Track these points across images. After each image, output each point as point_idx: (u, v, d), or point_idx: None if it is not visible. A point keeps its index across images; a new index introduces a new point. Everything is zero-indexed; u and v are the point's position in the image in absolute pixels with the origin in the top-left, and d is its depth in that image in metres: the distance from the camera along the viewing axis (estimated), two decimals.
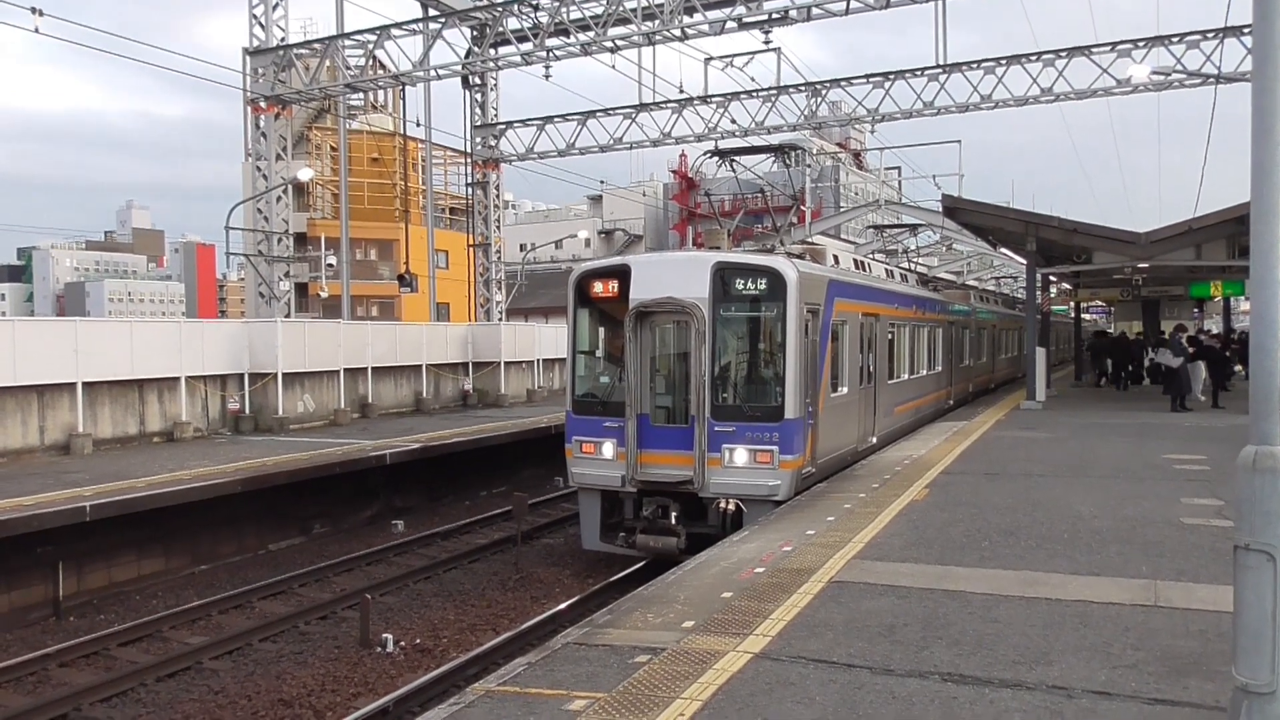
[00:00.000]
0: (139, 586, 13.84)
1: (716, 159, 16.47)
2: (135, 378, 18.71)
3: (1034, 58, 24.14)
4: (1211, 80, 22.61)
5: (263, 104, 24.86)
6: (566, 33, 22.17)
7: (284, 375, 21.55)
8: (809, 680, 5.76)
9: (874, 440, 16.21)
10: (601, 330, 13.76)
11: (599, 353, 13.87)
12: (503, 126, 30.49)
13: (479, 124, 30.41)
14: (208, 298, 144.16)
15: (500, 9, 23.07)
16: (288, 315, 25.10)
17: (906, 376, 19.42)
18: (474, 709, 5.52)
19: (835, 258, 16.23)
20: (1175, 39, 23.14)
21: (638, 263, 13.09)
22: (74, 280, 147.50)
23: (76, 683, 10.17)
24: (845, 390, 14.67)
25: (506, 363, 29.16)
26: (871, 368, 16.23)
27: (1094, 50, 23.77)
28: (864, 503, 11.28)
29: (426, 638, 11.51)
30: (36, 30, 18.27)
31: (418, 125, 34.40)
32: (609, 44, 21.93)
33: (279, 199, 25.10)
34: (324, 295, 38.66)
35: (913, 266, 27.49)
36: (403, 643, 11.24)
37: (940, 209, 26.52)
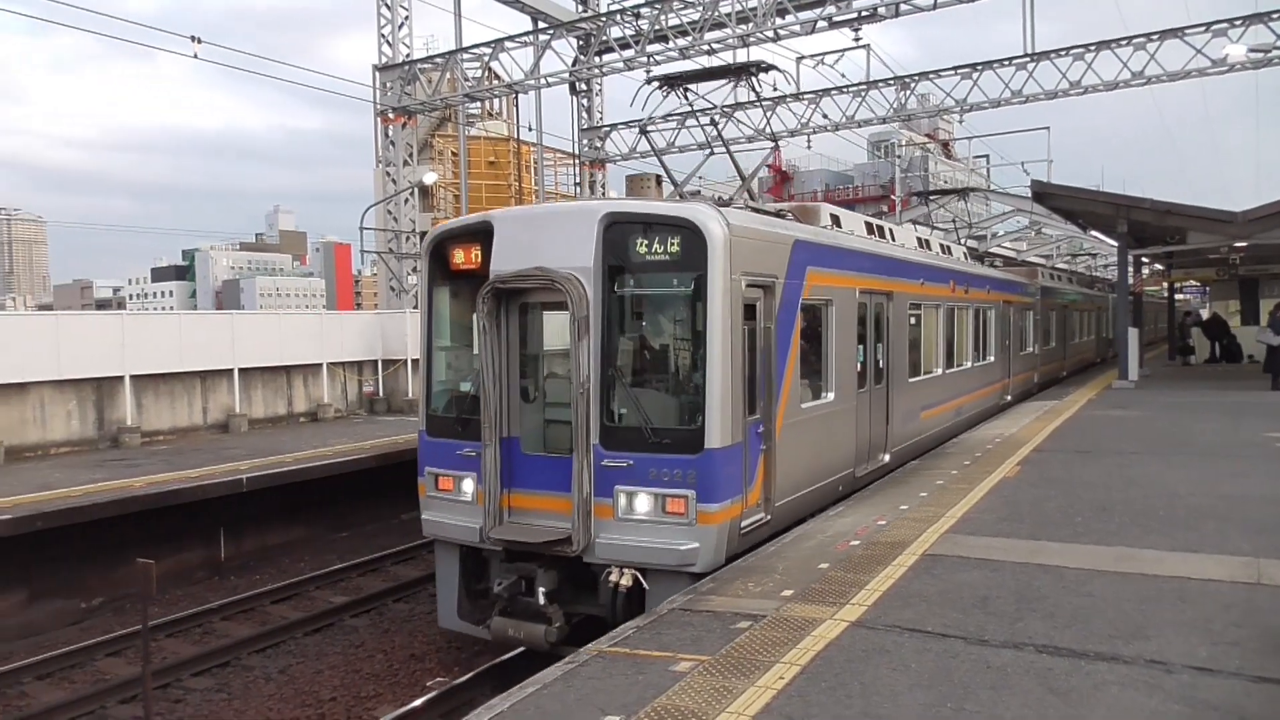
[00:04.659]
0: (287, 550, 14.47)
1: (664, 89, 11.43)
2: (283, 364, 19.57)
3: (1124, 42, 22.80)
4: None
5: (391, 115, 25.55)
6: (665, 39, 22.08)
7: (413, 361, 22.21)
8: (904, 649, 5.60)
9: (886, 458, 11.70)
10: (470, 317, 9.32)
11: (474, 348, 8.73)
12: (607, 129, 30.60)
13: (585, 127, 30.58)
14: (345, 292, 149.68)
15: (604, 19, 23.11)
16: (416, 307, 25.83)
17: (940, 371, 14.67)
18: (587, 667, 5.56)
19: (834, 218, 11.49)
20: (1275, 15, 21.50)
21: (502, 219, 8.62)
22: (230, 278, 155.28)
23: (236, 634, 10.72)
24: (831, 396, 10.07)
25: None
26: (881, 362, 11.80)
27: (1187, 32, 22.31)
28: (956, 479, 10.91)
29: None
30: (195, 56, 19.20)
31: (529, 130, 34.78)
32: (705, 47, 21.71)
33: (406, 201, 25.82)
34: None
35: (961, 239, 22.20)
36: None
37: (1029, 195, 25.41)
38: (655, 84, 11.18)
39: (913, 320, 13.19)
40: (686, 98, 11.74)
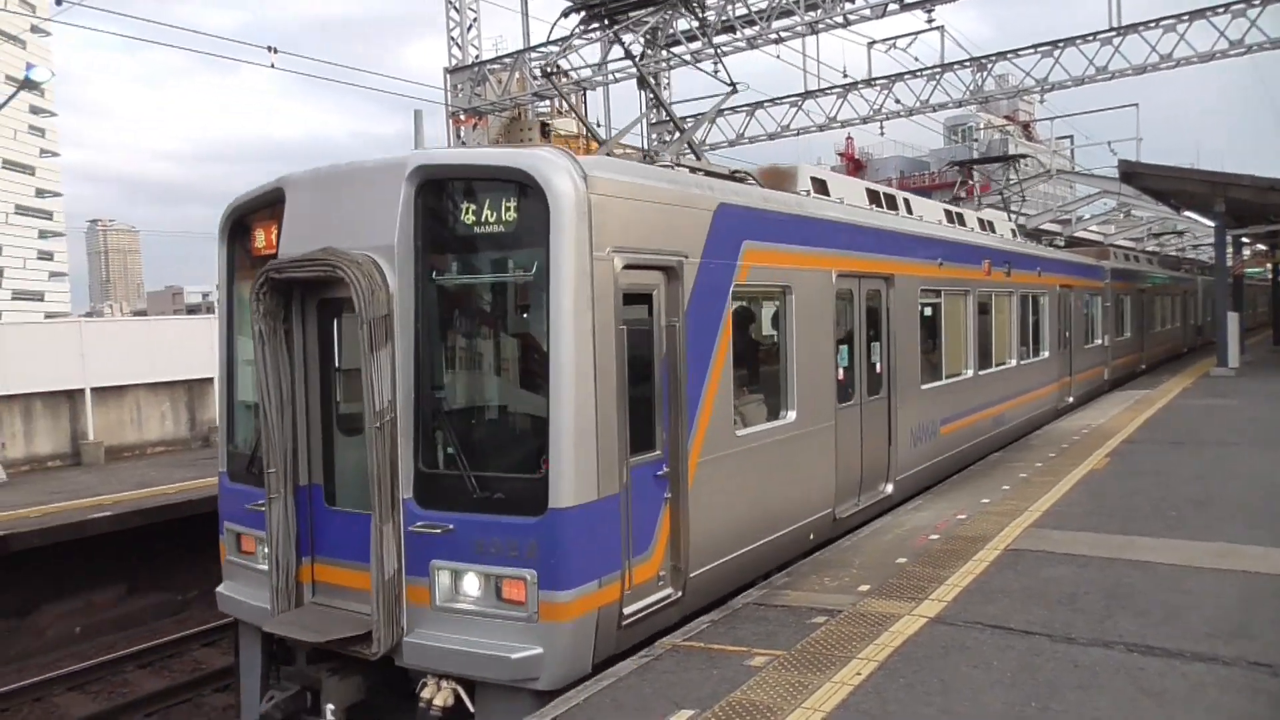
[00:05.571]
0: None
1: (586, 21, 9.36)
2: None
3: (1221, 9, 21.73)
4: None
5: (462, 116, 26.03)
6: (733, 29, 21.96)
7: None
8: (986, 646, 5.47)
9: (887, 489, 9.45)
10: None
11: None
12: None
13: (654, 121, 30.61)
14: None
15: (670, 12, 23.10)
16: None
17: (970, 373, 12.04)
18: (662, 661, 5.58)
19: (817, 182, 9.42)
20: None
21: (296, 183, 6.46)
22: None
23: None
24: (791, 416, 7.74)
25: None
26: (879, 366, 9.44)
27: None
28: (1040, 471, 10.61)
29: None
30: (272, 66, 19.83)
31: (599, 125, 35.01)
32: (774, 36, 21.55)
33: None
34: None
35: (1011, 216, 19.00)
36: None
37: (1117, 175, 24.49)
38: (578, 13, 8.76)
39: (927, 310, 10.81)
40: (612, 28, 9.32)
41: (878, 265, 9.36)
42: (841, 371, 8.61)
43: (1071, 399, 17.21)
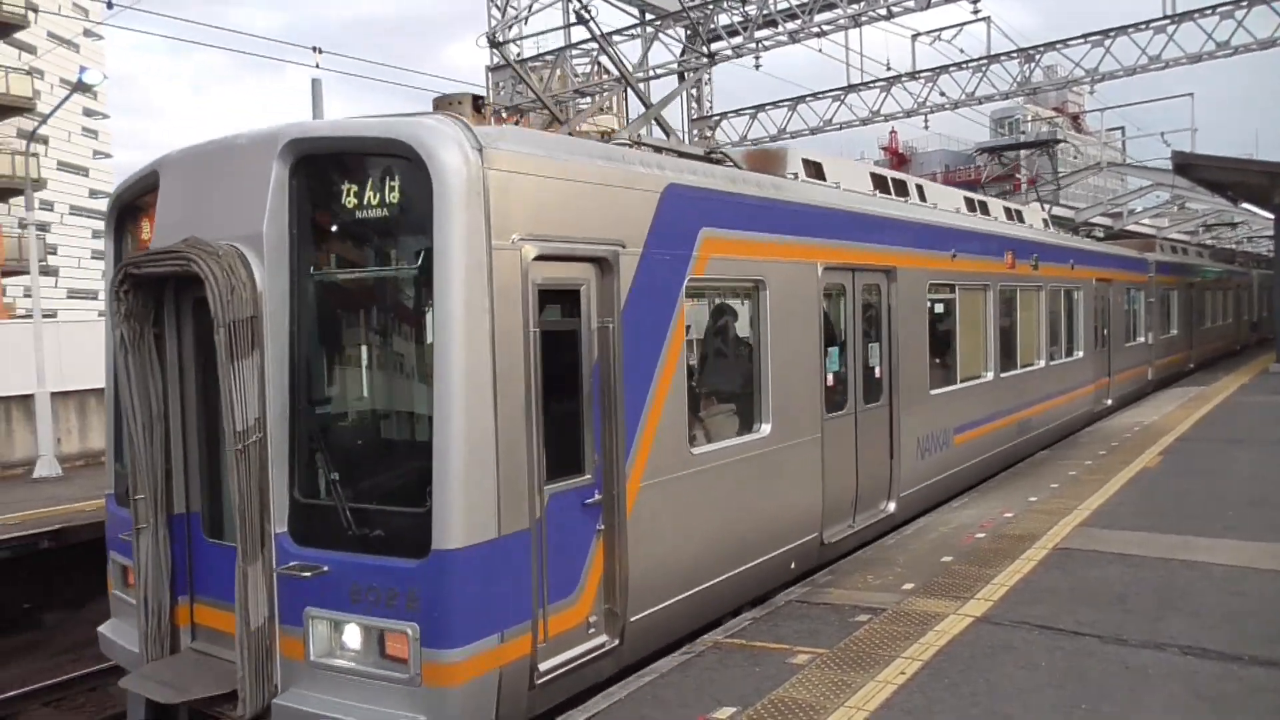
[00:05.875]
0: None
1: None
2: None
3: None
4: None
5: (505, 114, 26.21)
6: (775, 23, 21.87)
7: None
8: (1033, 646, 5.40)
9: (889, 508, 8.54)
10: None
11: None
12: (717, 118, 30.50)
13: (695, 117, 30.56)
14: None
15: (711, 7, 23.05)
16: None
17: (990, 375, 11.05)
18: (703, 659, 5.59)
19: (809, 165, 8.30)
20: None
21: (171, 164, 5.62)
22: None
23: None
24: (766, 429, 6.81)
25: None
26: (878, 370, 8.53)
27: None
28: (1090, 469, 10.44)
29: None
30: (317, 66, 20.15)
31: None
32: (816, 29, 21.40)
33: None
34: None
35: (1045, 206, 17.66)
36: None
37: (1170, 168, 23.94)
38: None
39: (939, 307, 9.84)
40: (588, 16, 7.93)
41: (876, 257, 8.37)
42: (831, 377, 7.70)
43: (1110, 401, 16.22)
